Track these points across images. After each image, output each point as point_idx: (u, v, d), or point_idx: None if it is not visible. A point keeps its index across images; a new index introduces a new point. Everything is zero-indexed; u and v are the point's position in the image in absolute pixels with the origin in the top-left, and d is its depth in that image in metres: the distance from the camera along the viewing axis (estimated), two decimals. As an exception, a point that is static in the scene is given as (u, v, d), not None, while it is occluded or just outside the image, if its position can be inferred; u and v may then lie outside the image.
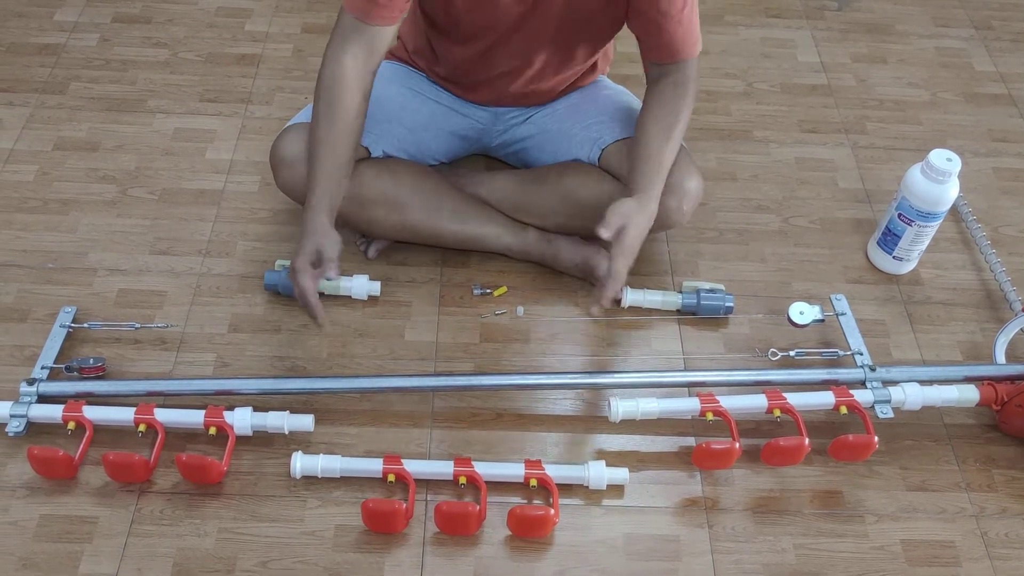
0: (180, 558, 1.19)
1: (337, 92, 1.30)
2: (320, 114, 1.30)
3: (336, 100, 1.30)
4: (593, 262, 1.49)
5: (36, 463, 1.23)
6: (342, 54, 1.30)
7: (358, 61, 1.30)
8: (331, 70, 1.30)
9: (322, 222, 1.28)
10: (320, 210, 1.29)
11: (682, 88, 1.38)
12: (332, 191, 1.30)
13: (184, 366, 1.39)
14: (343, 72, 1.30)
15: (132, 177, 1.66)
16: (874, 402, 1.33)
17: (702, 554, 1.24)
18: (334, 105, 1.30)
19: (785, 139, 1.84)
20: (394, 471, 1.25)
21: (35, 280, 1.49)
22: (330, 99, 1.30)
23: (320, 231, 1.28)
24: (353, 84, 1.30)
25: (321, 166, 1.30)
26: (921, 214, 1.48)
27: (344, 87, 1.30)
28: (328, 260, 1.26)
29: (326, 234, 1.28)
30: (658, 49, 1.36)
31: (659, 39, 1.35)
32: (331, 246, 1.27)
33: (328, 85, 1.30)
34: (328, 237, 1.27)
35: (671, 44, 1.35)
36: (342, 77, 1.30)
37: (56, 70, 1.86)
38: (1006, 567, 1.25)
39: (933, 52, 2.07)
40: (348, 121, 1.31)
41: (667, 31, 1.33)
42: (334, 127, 1.30)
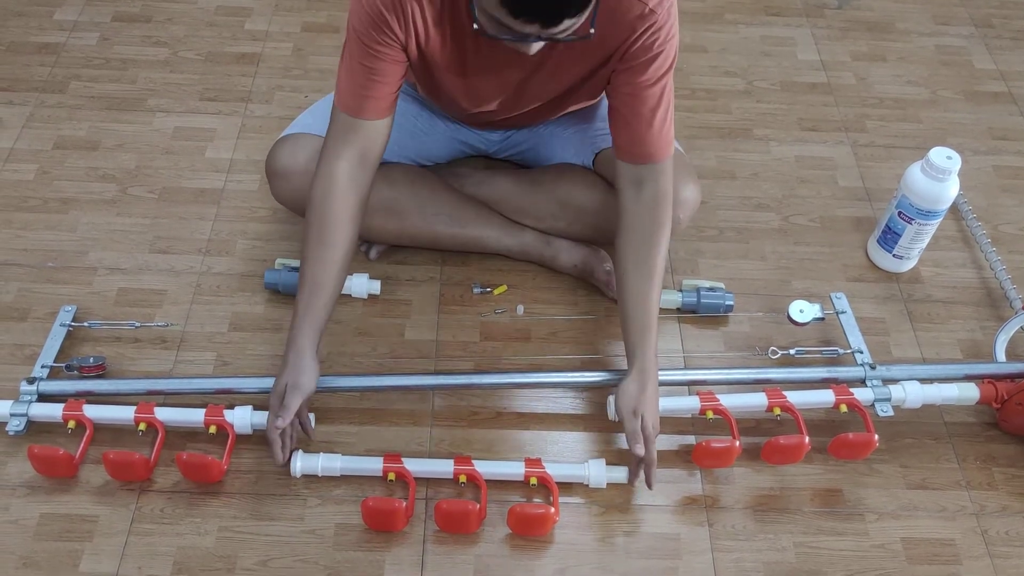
0: (180, 557, 1.19)
1: (330, 206, 1.23)
2: (311, 233, 1.24)
3: (328, 218, 1.23)
4: (591, 263, 1.49)
5: (36, 462, 1.23)
6: (336, 160, 1.24)
7: (352, 164, 1.25)
8: (324, 181, 1.24)
9: (298, 352, 1.21)
10: (301, 339, 1.22)
11: (659, 212, 1.29)
12: (319, 315, 1.23)
13: (184, 365, 1.39)
14: (337, 180, 1.24)
15: (132, 176, 1.66)
16: (874, 400, 1.33)
17: (702, 552, 1.24)
18: (325, 225, 1.24)
19: (785, 137, 1.83)
20: (394, 470, 1.25)
21: (35, 279, 1.49)
22: (322, 218, 1.24)
23: (293, 367, 1.21)
24: (348, 192, 1.24)
25: (308, 289, 1.23)
26: (921, 212, 1.47)
27: (337, 201, 1.24)
28: (284, 407, 1.19)
29: (297, 372, 1.21)
30: (630, 147, 1.28)
31: (632, 137, 1.27)
32: (293, 391, 1.20)
33: (321, 198, 1.24)
34: (296, 377, 1.20)
35: (643, 143, 1.27)
36: (335, 188, 1.24)
37: (56, 69, 1.86)
38: (1006, 565, 1.25)
39: (933, 50, 2.07)
40: (339, 241, 1.24)
41: (640, 128, 1.26)
42: (324, 249, 1.23)
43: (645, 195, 1.29)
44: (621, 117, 1.27)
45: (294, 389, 1.20)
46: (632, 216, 1.30)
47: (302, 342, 1.22)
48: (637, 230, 1.30)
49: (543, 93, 1.34)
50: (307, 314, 1.23)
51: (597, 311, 1.50)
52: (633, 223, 1.30)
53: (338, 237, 1.24)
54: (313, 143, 1.39)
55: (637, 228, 1.30)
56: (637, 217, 1.30)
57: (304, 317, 1.22)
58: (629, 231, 1.31)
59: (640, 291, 1.28)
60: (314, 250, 1.24)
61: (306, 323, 1.22)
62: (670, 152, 1.29)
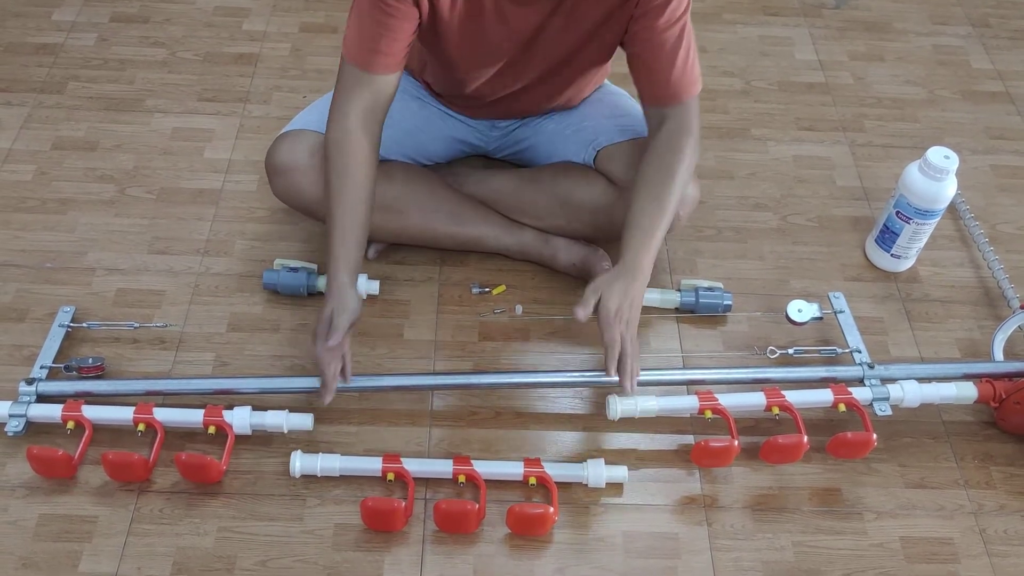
0: (180, 557, 1.19)
1: (346, 150, 1.26)
2: (332, 176, 1.27)
3: (346, 159, 1.26)
4: (590, 262, 1.49)
5: (35, 463, 1.23)
6: (348, 109, 1.26)
7: (364, 113, 1.27)
8: (338, 130, 1.27)
9: (340, 286, 1.24)
10: (341, 273, 1.25)
11: (677, 140, 1.30)
12: (353, 252, 1.26)
13: (183, 365, 1.39)
14: (350, 128, 1.26)
15: (130, 176, 1.66)
16: (872, 399, 1.33)
17: (701, 552, 1.24)
18: (345, 165, 1.26)
19: (783, 137, 1.84)
20: (393, 470, 1.25)
21: (34, 280, 1.49)
22: (341, 160, 1.26)
23: (337, 296, 1.24)
24: (362, 138, 1.27)
25: (339, 227, 1.26)
26: (919, 212, 1.48)
27: (352, 144, 1.26)
28: (334, 328, 1.21)
29: (342, 299, 1.23)
30: (653, 90, 1.31)
31: (654, 80, 1.30)
32: (341, 313, 1.22)
33: (337, 141, 1.27)
34: (342, 303, 1.23)
35: (666, 85, 1.29)
36: (349, 134, 1.26)
37: (54, 70, 1.86)
38: (1004, 564, 1.25)
39: (931, 50, 2.07)
40: (360, 179, 1.27)
41: (662, 71, 1.28)
42: (347, 188, 1.26)
43: (666, 128, 1.31)
44: (643, 63, 1.29)
45: (342, 311, 1.22)
46: (650, 149, 1.32)
47: (342, 279, 1.24)
48: (653, 160, 1.31)
49: (554, 49, 1.32)
50: (341, 255, 1.25)
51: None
52: (650, 154, 1.31)
53: (359, 177, 1.27)
54: (313, 139, 1.39)
55: (653, 159, 1.31)
56: (655, 148, 1.31)
57: (339, 259, 1.25)
58: (645, 162, 1.31)
59: (646, 211, 1.27)
60: (338, 193, 1.26)
61: (342, 263, 1.25)
62: (694, 91, 1.31)
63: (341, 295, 1.23)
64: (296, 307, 1.47)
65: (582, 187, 1.45)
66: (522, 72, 1.37)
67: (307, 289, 1.46)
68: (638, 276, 1.25)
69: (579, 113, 1.51)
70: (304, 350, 1.42)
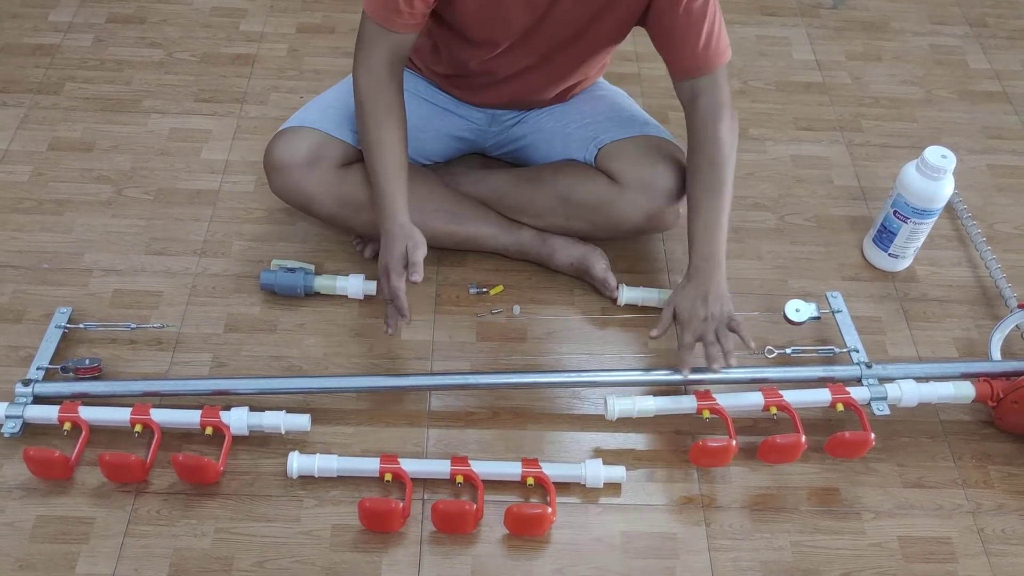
0: (177, 558, 1.19)
1: (378, 98, 1.31)
2: (369, 119, 1.31)
3: (380, 107, 1.31)
4: (588, 261, 1.49)
5: (32, 464, 1.23)
6: (372, 61, 1.30)
7: (388, 65, 1.31)
8: (366, 75, 1.31)
9: (404, 224, 1.29)
10: (400, 212, 1.29)
11: (714, 123, 1.33)
12: (404, 190, 1.31)
13: (180, 366, 1.39)
14: (378, 78, 1.31)
15: (127, 177, 1.66)
16: (870, 399, 1.33)
17: (699, 552, 1.24)
18: (380, 113, 1.31)
19: (781, 137, 1.84)
20: (391, 470, 1.25)
21: (30, 281, 1.48)
22: (375, 101, 1.31)
23: (407, 233, 1.28)
24: (391, 85, 1.32)
25: (388, 168, 1.31)
26: (916, 211, 1.48)
27: (384, 92, 1.31)
28: (413, 264, 1.25)
29: (411, 236, 1.28)
30: (681, 63, 1.33)
31: (683, 52, 1.32)
32: (416, 248, 1.27)
33: (368, 89, 1.31)
34: (413, 239, 1.27)
35: (694, 56, 1.31)
36: (380, 83, 1.31)
37: (51, 70, 1.86)
38: (1003, 563, 1.25)
39: (928, 49, 2.07)
40: (396, 123, 1.32)
41: (689, 43, 1.30)
42: (388, 127, 1.31)
43: (700, 109, 1.34)
44: (669, 36, 1.31)
45: (416, 247, 1.26)
46: (691, 136, 1.36)
47: (403, 219, 1.29)
48: (697, 150, 1.35)
49: (570, 19, 1.32)
50: (399, 196, 1.30)
51: (593, 311, 1.50)
52: (693, 143, 1.36)
53: (395, 121, 1.32)
54: (312, 137, 1.39)
55: (697, 148, 1.35)
56: (696, 136, 1.35)
57: (397, 200, 1.30)
58: (691, 153, 1.36)
59: (703, 203, 1.33)
60: (378, 140, 1.31)
61: (400, 204, 1.30)
62: (723, 59, 1.33)
63: (411, 233, 1.28)
64: (293, 307, 1.47)
65: (582, 185, 1.45)
66: (536, 44, 1.36)
67: (304, 290, 1.46)
68: (713, 269, 1.30)
69: (579, 111, 1.51)
70: (301, 350, 1.42)
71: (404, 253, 1.27)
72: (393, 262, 1.27)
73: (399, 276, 1.26)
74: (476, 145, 1.60)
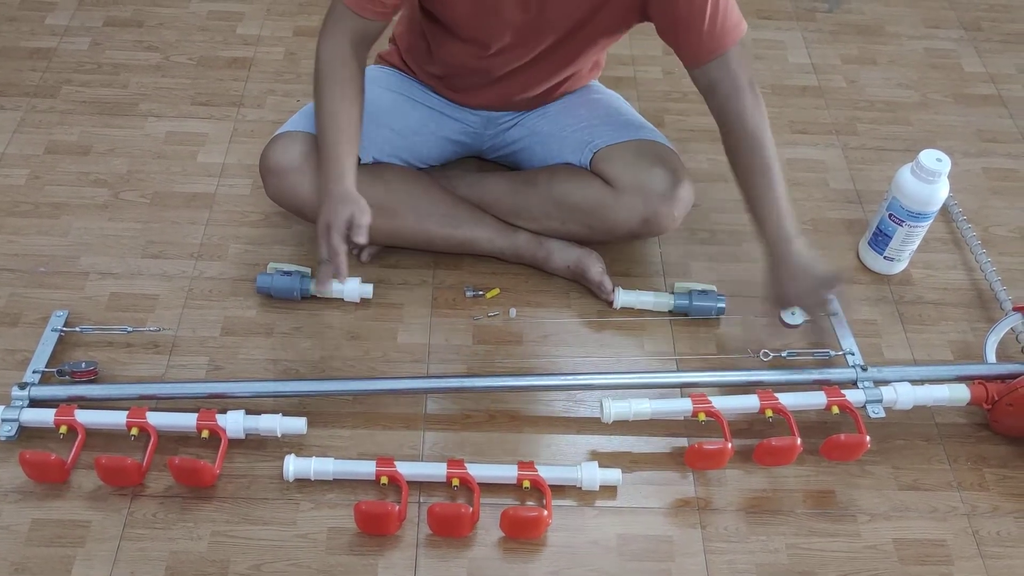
0: (173, 562, 1.19)
1: (337, 67, 1.32)
2: (325, 89, 1.32)
3: (337, 75, 1.31)
4: (584, 264, 1.49)
5: (28, 467, 1.23)
6: (337, 38, 1.32)
7: (352, 44, 1.32)
8: (329, 47, 1.32)
9: (351, 190, 1.27)
10: (348, 176, 1.28)
11: (738, 109, 1.31)
12: (354, 161, 1.31)
13: (176, 369, 1.39)
14: (342, 48, 1.32)
15: (124, 181, 1.66)
16: (866, 402, 1.33)
17: (695, 554, 1.24)
18: (337, 77, 1.31)
19: (776, 140, 1.79)
20: (387, 473, 1.25)
21: (27, 284, 1.48)
22: (334, 72, 1.31)
23: (353, 199, 1.27)
24: (351, 60, 1.32)
25: (340, 135, 1.30)
26: (911, 214, 1.48)
27: (345, 60, 1.32)
28: (359, 226, 1.25)
29: (358, 202, 1.27)
30: (690, 50, 1.31)
31: (689, 39, 1.29)
32: (361, 213, 1.26)
33: (328, 60, 1.32)
34: (358, 204, 1.26)
35: (700, 41, 1.28)
36: (341, 52, 1.32)
37: (47, 74, 1.86)
38: (998, 565, 1.25)
39: (923, 53, 2.08)
40: (354, 89, 1.32)
41: (695, 27, 1.27)
42: (342, 95, 1.31)
43: (719, 95, 1.33)
44: (674, 23, 1.30)
45: (364, 211, 1.25)
46: (720, 125, 1.35)
47: (350, 183, 1.28)
48: (731, 142, 1.34)
49: (565, 14, 1.32)
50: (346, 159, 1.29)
51: (590, 314, 1.50)
52: (724, 132, 1.35)
53: (351, 91, 1.32)
54: (308, 141, 1.39)
55: (731, 140, 1.34)
56: (722, 123, 1.34)
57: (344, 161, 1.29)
58: (727, 147, 1.35)
59: (757, 188, 1.32)
60: (331, 104, 1.31)
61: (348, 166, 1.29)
62: (736, 36, 1.30)
63: (358, 200, 1.26)
64: (289, 311, 1.47)
65: (578, 189, 1.45)
66: (531, 42, 1.36)
67: (300, 293, 1.46)
68: (790, 245, 1.28)
69: (574, 115, 1.51)
70: (297, 353, 1.42)
71: (349, 216, 1.25)
72: (338, 222, 1.25)
73: (342, 237, 1.24)
74: (472, 148, 1.60)
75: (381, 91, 1.50)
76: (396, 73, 1.55)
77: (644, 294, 1.50)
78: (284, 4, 2.07)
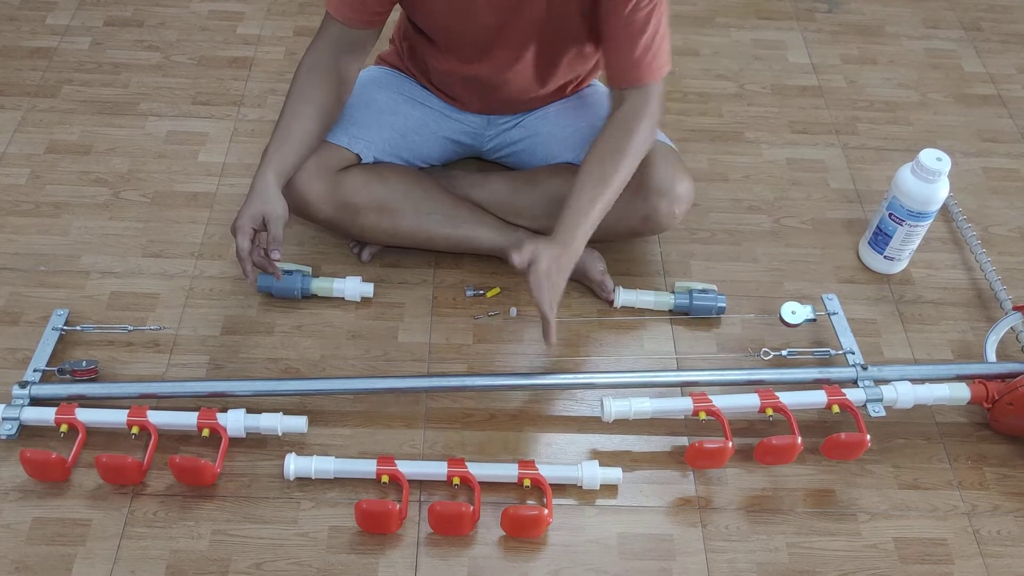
0: (174, 560, 1.19)
1: (314, 75, 1.34)
2: (291, 93, 1.34)
3: (311, 81, 1.33)
4: (585, 264, 1.49)
5: (29, 466, 1.23)
6: (323, 49, 1.34)
7: (339, 56, 1.34)
8: (310, 57, 1.34)
9: (268, 185, 1.27)
10: (269, 171, 1.28)
11: (632, 122, 1.31)
12: (286, 155, 1.31)
13: (177, 368, 1.39)
14: (322, 60, 1.34)
15: (124, 180, 1.66)
16: (866, 401, 1.33)
17: (695, 553, 1.24)
18: (308, 85, 1.33)
19: (776, 140, 1.84)
20: (388, 472, 1.25)
21: (27, 283, 1.48)
22: (307, 79, 1.33)
23: (265, 195, 1.26)
24: (332, 69, 1.34)
25: (281, 128, 1.32)
26: (912, 214, 1.48)
27: (322, 72, 1.34)
28: (274, 238, 1.25)
29: (270, 200, 1.26)
30: (614, 70, 1.33)
31: (617, 61, 1.32)
32: (276, 219, 1.25)
33: (307, 68, 1.34)
34: (272, 204, 1.26)
35: (626, 67, 1.31)
36: (321, 64, 1.34)
37: (48, 73, 1.86)
38: (998, 564, 1.25)
39: (923, 53, 2.08)
40: (319, 98, 1.33)
41: (624, 52, 1.29)
42: (302, 97, 1.33)
43: (622, 109, 1.33)
44: (608, 42, 1.32)
45: (277, 219, 1.25)
46: (604, 128, 1.34)
47: (271, 178, 1.27)
48: (603, 141, 1.32)
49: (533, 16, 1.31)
50: (275, 155, 1.29)
51: (590, 313, 1.50)
52: (602, 135, 1.33)
53: (320, 99, 1.33)
54: None
55: (604, 139, 1.32)
56: (608, 128, 1.33)
57: (272, 156, 1.29)
58: (596, 141, 1.33)
59: (586, 190, 1.29)
60: (292, 105, 1.32)
61: (273, 161, 1.29)
62: (657, 75, 1.32)
63: (271, 199, 1.26)
64: (290, 310, 1.47)
65: (577, 188, 1.45)
66: (509, 46, 1.37)
67: (301, 292, 1.46)
68: (570, 248, 1.28)
69: (574, 114, 1.51)
70: (298, 352, 1.42)
71: (257, 216, 1.24)
72: (241, 220, 1.24)
73: (245, 237, 1.24)
74: (472, 148, 1.60)
75: (381, 91, 1.50)
76: (396, 73, 1.55)
77: (644, 293, 1.50)
78: (284, 4, 2.07)
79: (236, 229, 1.25)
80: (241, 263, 1.26)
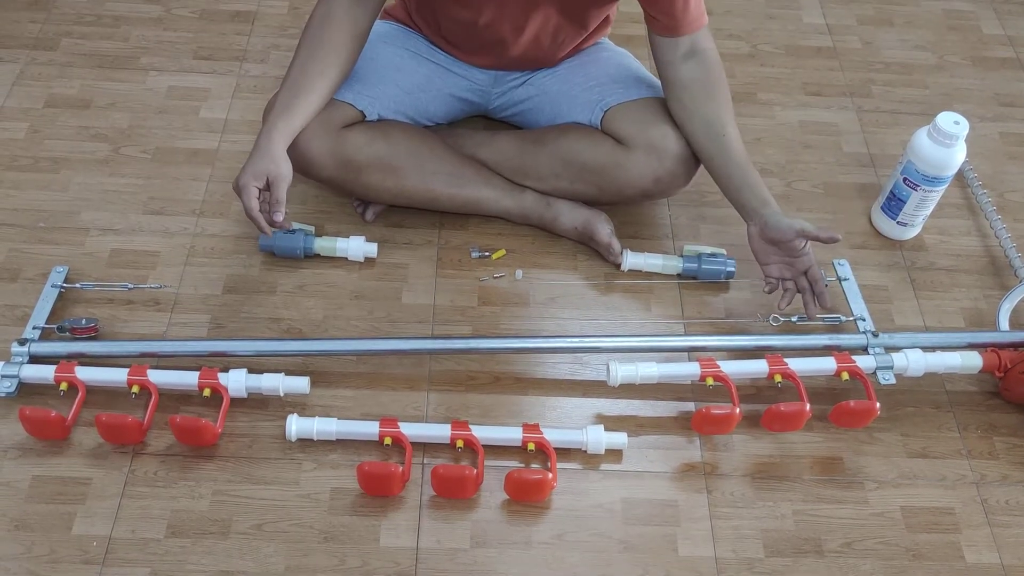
0: (174, 520, 1.19)
1: (327, 25, 1.30)
2: (301, 45, 1.30)
3: (324, 33, 1.30)
4: (592, 226, 1.47)
5: (28, 424, 1.22)
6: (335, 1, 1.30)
7: (352, 8, 1.30)
8: (323, 8, 1.31)
9: (273, 144, 1.24)
10: (274, 130, 1.25)
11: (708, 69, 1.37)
12: (294, 113, 1.27)
13: (178, 327, 1.38)
14: (336, 12, 1.29)
15: (125, 135, 1.63)
16: (876, 368, 1.32)
17: (700, 519, 1.23)
18: (321, 37, 1.29)
19: (789, 102, 1.81)
20: (391, 434, 1.24)
21: (26, 239, 1.46)
22: (319, 32, 1.30)
23: (270, 155, 1.23)
24: (344, 21, 1.30)
25: (289, 85, 1.28)
26: (927, 178, 1.45)
27: (335, 23, 1.30)
28: (277, 201, 1.22)
29: (275, 160, 1.23)
30: (668, 23, 1.33)
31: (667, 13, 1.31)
32: (280, 180, 1.22)
33: (319, 19, 1.30)
34: (277, 164, 1.23)
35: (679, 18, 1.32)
36: (333, 15, 1.30)
37: (47, 26, 1.82)
38: (1006, 534, 1.24)
39: (941, 14, 2.04)
40: (330, 52, 1.30)
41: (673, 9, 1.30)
42: (313, 53, 1.29)
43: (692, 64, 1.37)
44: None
45: (281, 179, 1.23)
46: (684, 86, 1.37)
47: (276, 137, 1.24)
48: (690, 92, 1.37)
49: None
50: (283, 111, 1.26)
51: (596, 276, 1.48)
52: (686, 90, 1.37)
53: (330, 56, 1.30)
54: None
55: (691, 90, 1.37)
56: (690, 83, 1.37)
57: (280, 113, 1.26)
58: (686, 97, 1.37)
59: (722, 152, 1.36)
60: (301, 60, 1.29)
61: (282, 119, 1.26)
62: (705, 20, 1.38)
63: (276, 158, 1.23)
64: (293, 269, 1.45)
65: (588, 148, 1.42)
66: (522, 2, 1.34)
67: (304, 251, 1.44)
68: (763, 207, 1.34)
69: (584, 73, 1.48)
70: (300, 312, 1.40)
71: (261, 174, 1.22)
72: (245, 178, 1.22)
73: (251, 197, 1.21)
74: (479, 107, 1.57)
75: (386, 47, 1.47)
76: (402, 28, 1.52)
77: (652, 256, 1.48)
78: (288, -43, 2.03)
79: (240, 188, 1.22)
80: (255, 222, 1.23)
